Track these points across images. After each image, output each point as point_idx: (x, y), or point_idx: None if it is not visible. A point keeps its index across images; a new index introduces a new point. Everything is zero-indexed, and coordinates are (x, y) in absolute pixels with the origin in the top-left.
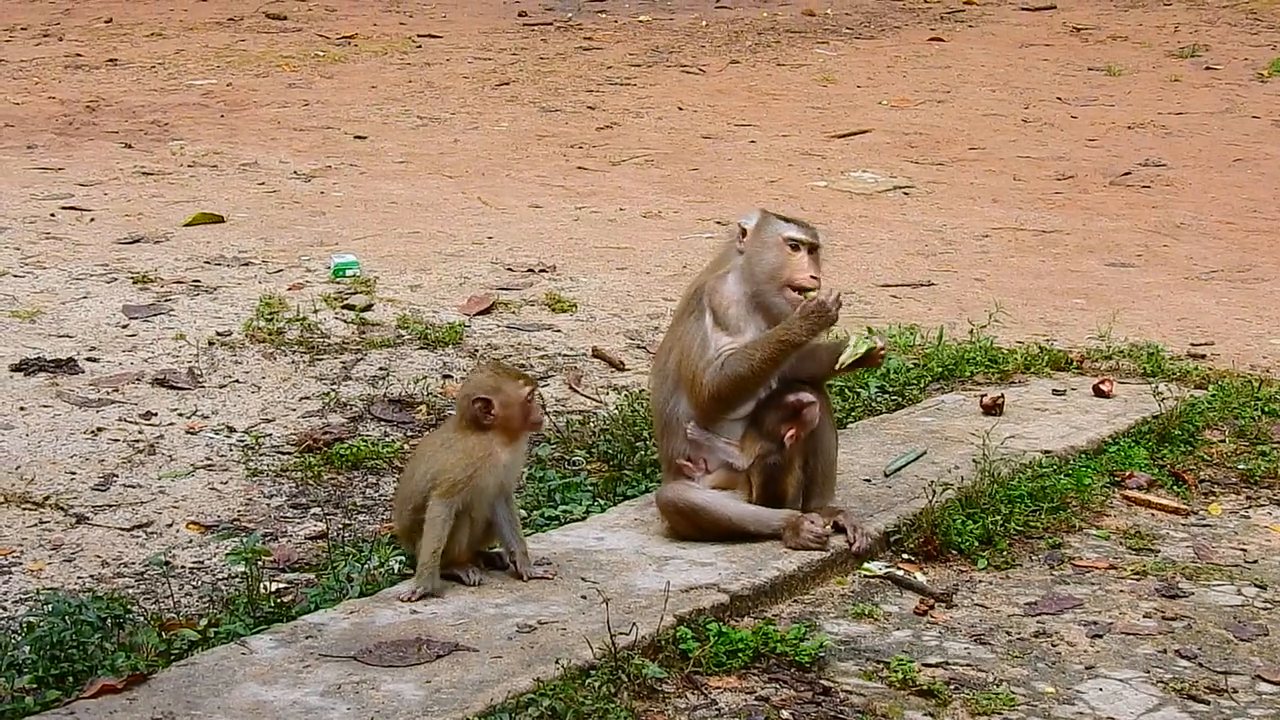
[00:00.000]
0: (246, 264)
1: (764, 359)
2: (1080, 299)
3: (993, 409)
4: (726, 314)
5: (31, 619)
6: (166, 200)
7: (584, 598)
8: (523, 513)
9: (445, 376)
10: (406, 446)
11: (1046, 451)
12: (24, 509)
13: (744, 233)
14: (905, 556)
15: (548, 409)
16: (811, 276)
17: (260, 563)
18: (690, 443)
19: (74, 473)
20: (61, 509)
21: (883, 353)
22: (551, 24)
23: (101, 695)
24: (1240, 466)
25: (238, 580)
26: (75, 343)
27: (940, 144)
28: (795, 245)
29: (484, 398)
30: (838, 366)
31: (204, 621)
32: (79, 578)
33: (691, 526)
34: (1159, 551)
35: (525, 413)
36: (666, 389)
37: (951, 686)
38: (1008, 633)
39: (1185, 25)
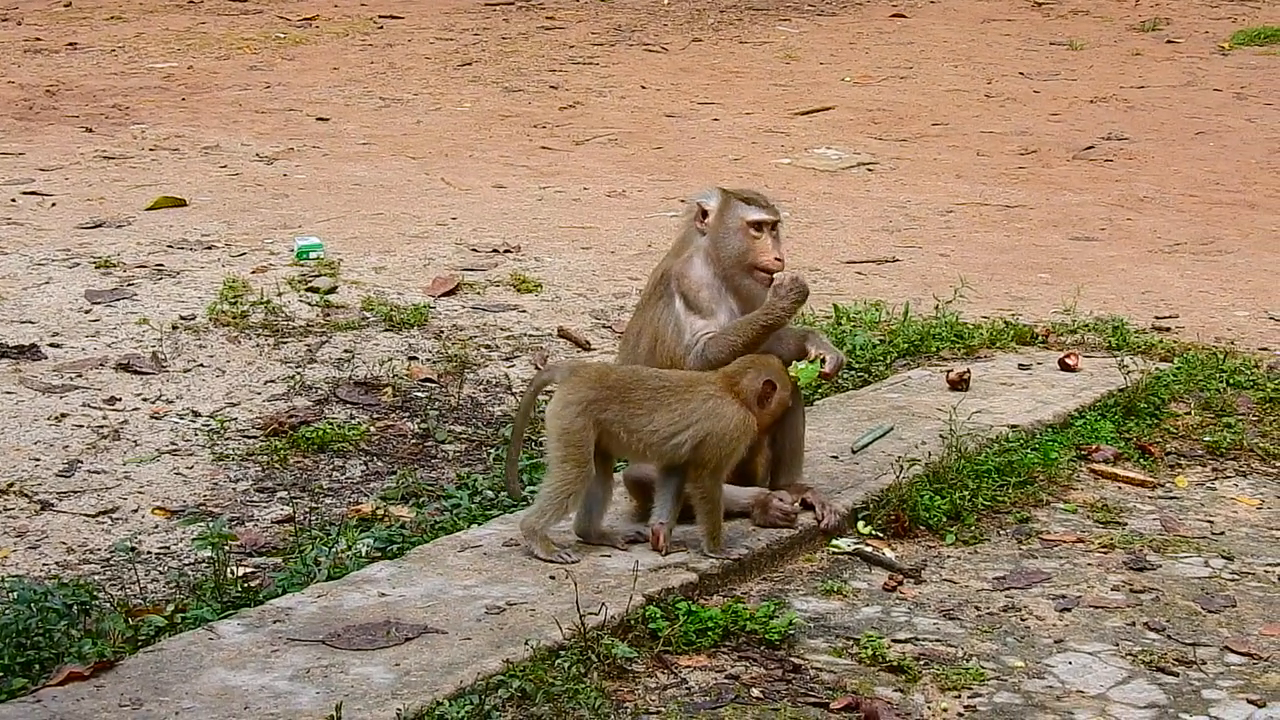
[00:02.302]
0: (209, 247)
1: (745, 343)
2: (1045, 273)
3: (959, 384)
4: (698, 297)
5: None
6: (128, 184)
7: (552, 578)
8: (490, 493)
9: (411, 358)
10: (373, 429)
11: (1013, 426)
12: None
13: (703, 213)
14: (873, 533)
15: (514, 390)
16: (776, 258)
17: (227, 547)
18: None
19: (38, 459)
20: (26, 496)
21: (828, 374)
22: (513, 3)
23: (68, 683)
24: (1206, 438)
25: (204, 565)
26: (37, 328)
27: (903, 120)
28: (759, 227)
29: (774, 383)
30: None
31: (171, 607)
32: (44, 565)
33: None
34: (1126, 524)
35: (777, 415)
36: None
37: (921, 662)
38: (977, 608)
39: None
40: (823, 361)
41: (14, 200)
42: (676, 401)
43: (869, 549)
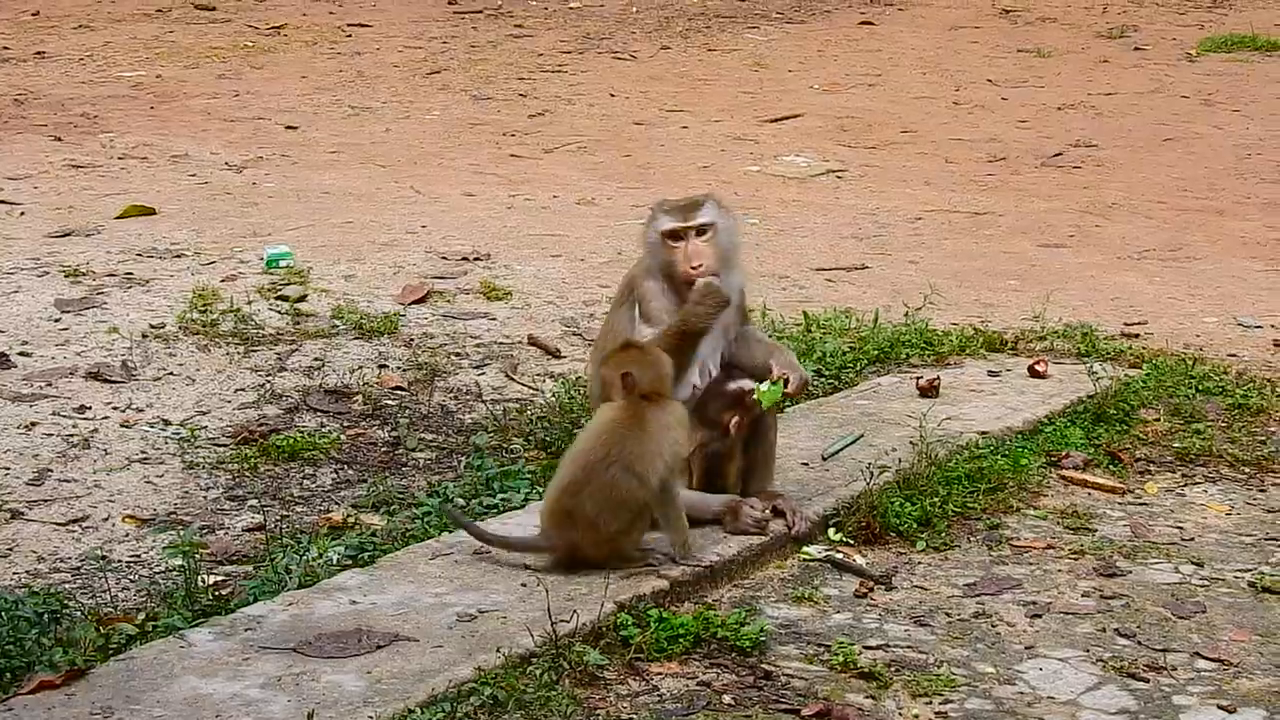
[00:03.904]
0: (179, 256)
1: (667, 349)
2: (1014, 280)
3: (929, 391)
4: (649, 307)
5: None
6: (97, 193)
7: (524, 585)
8: (461, 501)
9: (381, 366)
10: (344, 437)
11: (983, 432)
12: None
13: None
14: (844, 540)
15: (484, 398)
16: (693, 267)
17: (198, 556)
18: None
19: (8, 468)
20: None
21: (792, 394)
22: (481, 11)
23: (40, 691)
24: (1176, 445)
25: (175, 573)
26: (7, 337)
27: (872, 127)
28: (674, 236)
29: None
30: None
31: (142, 616)
32: (15, 573)
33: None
34: (1096, 531)
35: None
36: None
37: (892, 669)
38: (947, 614)
39: (1114, 6)
40: (786, 382)
41: None
42: (638, 463)
43: (840, 556)
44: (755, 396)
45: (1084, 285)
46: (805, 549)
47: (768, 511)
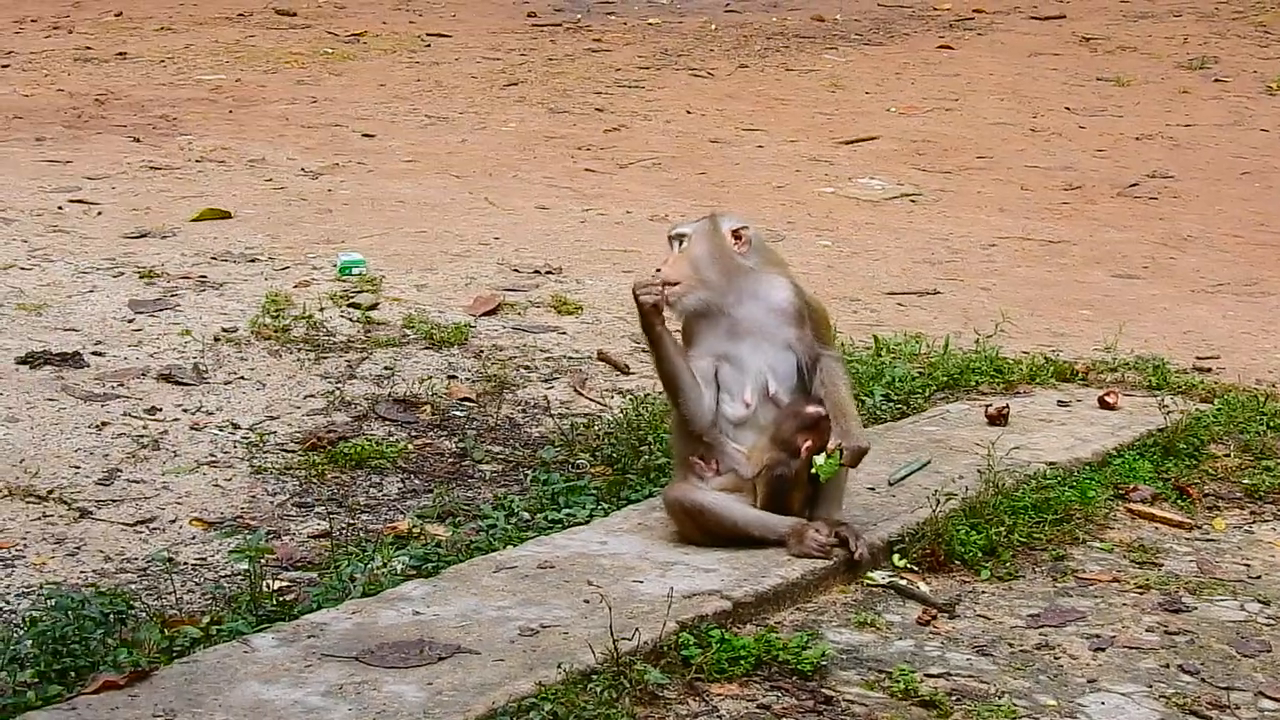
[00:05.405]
0: (253, 260)
1: (650, 349)
2: (1086, 310)
3: (998, 419)
4: None
5: (34, 613)
6: (174, 195)
7: (586, 601)
8: (525, 515)
9: (450, 377)
10: (411, 447)
11: (1051, 463)
12: (28, 502)
13: None
14: (908, 566)
15: (552, 412)
16: (655, 272)
17: (263, 561)
18: (705, 444)
19: (78, 467)
20: (65, 503)
21: (849, 465)
22: (560, 25)
23: (103, 691)
24: (1245, 481)
25: (240, 578)
26: (81, 336)
27: (948, 152)
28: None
29: None
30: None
31: (206, 619)
32: (82, 572)
33: (696, 528)
34: (1162, 565)
35: None
36: None
37: (953, 698)
38: (1010, 644)
39: (1195, 37)
40: (841, 453)
41: (61, 208)
42: None
43: (903, 582)
44: (814, 470)
45: (1157, 317)
46: (869, 574)
47: (833, 536)
